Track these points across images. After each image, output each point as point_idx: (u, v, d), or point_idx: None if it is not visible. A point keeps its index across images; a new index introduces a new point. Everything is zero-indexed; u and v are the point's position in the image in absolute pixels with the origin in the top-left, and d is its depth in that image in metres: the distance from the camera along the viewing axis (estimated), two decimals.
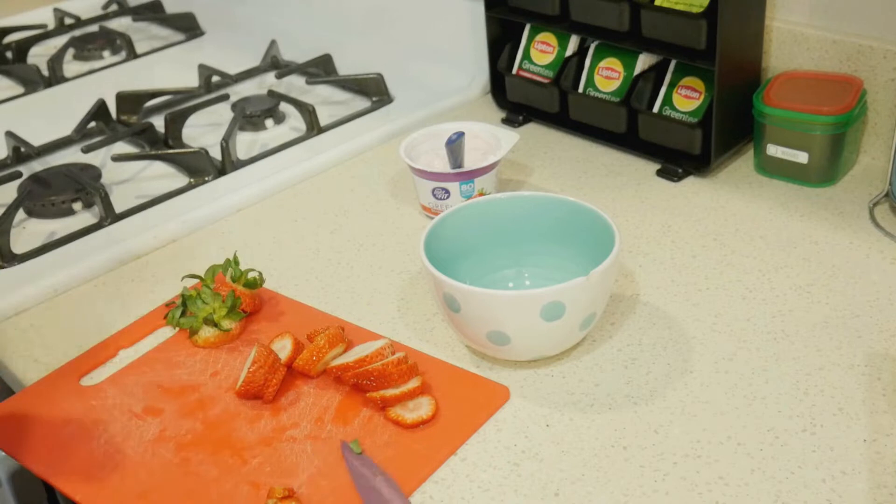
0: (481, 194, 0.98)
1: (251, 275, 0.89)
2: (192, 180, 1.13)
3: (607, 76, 1.10)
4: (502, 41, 1.19)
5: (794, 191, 1.00)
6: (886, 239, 0.91)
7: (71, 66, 1.53)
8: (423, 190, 0.99)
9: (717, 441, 0.70)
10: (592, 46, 1.12)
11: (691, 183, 1.04)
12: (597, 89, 1.11)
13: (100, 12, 1.74)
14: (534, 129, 1.18)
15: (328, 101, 1.32)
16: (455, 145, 0.97)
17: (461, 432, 0.72)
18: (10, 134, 1.22)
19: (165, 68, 1.50)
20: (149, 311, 0.90)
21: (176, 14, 1.64)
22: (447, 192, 0.97)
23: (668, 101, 1.05)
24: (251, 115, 1.25)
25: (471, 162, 0.99)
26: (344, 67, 1.39)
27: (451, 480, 0.69)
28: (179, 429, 0.75)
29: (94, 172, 1.14)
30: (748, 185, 1.02)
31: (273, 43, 1.45)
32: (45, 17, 1.74)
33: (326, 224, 1.03)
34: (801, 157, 0.99)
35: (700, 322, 0.82)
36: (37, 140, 1.24)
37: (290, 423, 0.74)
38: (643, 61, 1.08)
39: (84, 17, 1.71)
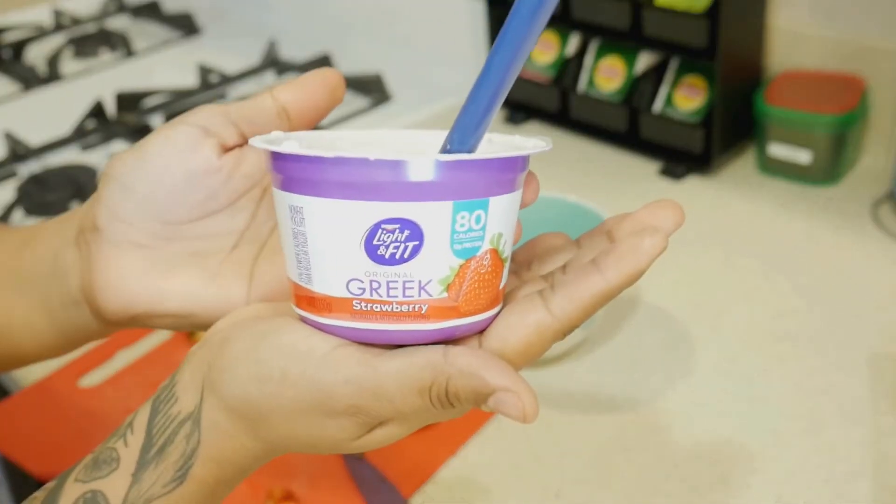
0: None
1: None
2: None
3: (608, 75, 1.10)
4: None
5: (796, 190, 1.00)
6: (889, 239, 0.90)
7: (68, 65, 1.53)
8: None
9: (718, 442, 0.69)
10: (593, 45, 1.11)
11: (693, 182, 1.03)
12: (598, 88, 1.11)
13: (98, 11, 1.73)
14: (534, 129, 1.18)
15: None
16: None
17: (461, 433, 0.72)
18: (7, 134, 1.22)
19: (163, 67, 1.49)
20: None
21: (174, 13, 1.64)
22: None
23: (669, 100, 1.05)
24: None
25: None
26: (343, 66, 1.38)
27: (452, 481, 0.68)
28: None
29: (91, 172, 1.14)
30: (750, 185, 1.02)
31: (272, 42, 1.44)
32: (43, 15, 1.74)
33: None
34: (803, 157, 0.99)
35: (701, 323, 0.82)
36: (34, 139, 1.24)
37: None
38: (644, 60, 1.07)
39: (82, 15, 1.70)
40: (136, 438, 0.39)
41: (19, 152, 1.21)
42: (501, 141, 0.40)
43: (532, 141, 0.39)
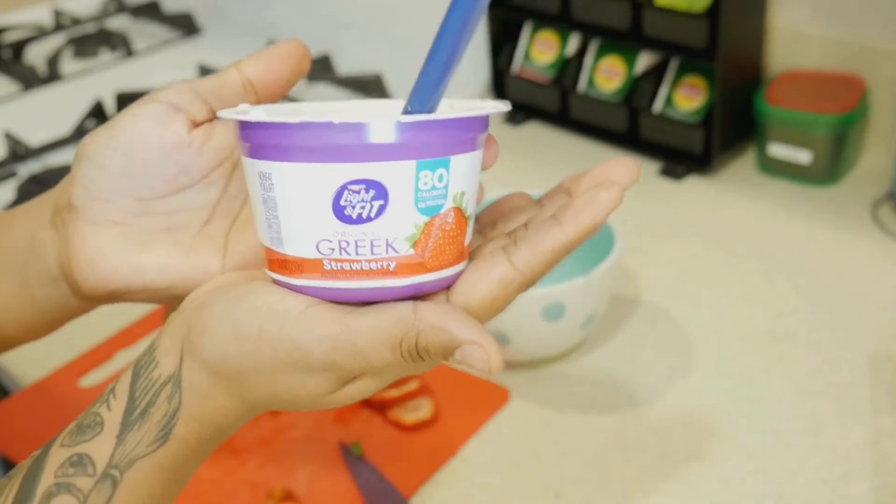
0: None
1: None
2: None
3: (608, 75, 1.10)
4: (503, 41, 1.19)
5: (796, 190, 1.00)
6: (889, 239, 0.90)
7: (68, 65, 1.53)
8: None
9: (718, 442, 0.69)
10: (593, 45, 1.11)
11: (693, 182, 1.03)
12: (598, 88, 1.11)
13: (98, 11, 1.73)
14: (534, 129, 1.18)
15: (328, 100, 1.31)
16: None
17: (461, 433, 0.72)
18: (7, 134, 1.22)
19: (163, 68, 1.49)
20: (148, 311, 0.90)
21: (174, 13, 1.64)
22: None
23: (669, 100, 1.05)
24: None
25: None
26: (343, 66, 1.38)
27: (452, 482, 0.68)
28: None
29: None
30: (750, 185, 1.02)
31: (272, 42, 1.44)
32: (43, 15, 1.74)
33: None
34: (803, 157, 0.99)
35: (701, 322, 0.82)
36: (34, 139, 1.24)
37: (289, 423, 0.74)
38: (644, 60, 1.07)
39: (82, 15, 1.70)
40: (119, 402, 0.40)
41: (19, 152, 1.21)
42: (462, 106, 0.42)
43: (490, 103, 0.40)
